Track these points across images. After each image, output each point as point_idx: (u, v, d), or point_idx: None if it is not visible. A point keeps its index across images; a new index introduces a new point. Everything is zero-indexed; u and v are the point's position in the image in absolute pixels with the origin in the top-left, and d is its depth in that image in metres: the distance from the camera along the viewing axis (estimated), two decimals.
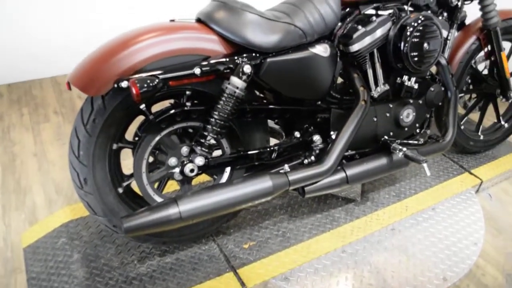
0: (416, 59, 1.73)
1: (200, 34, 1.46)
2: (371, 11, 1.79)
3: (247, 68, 1.44)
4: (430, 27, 1.73)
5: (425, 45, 1.73)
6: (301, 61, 1.56)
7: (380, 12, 1.80)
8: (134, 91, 1.29)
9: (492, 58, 2.22)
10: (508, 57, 2.33)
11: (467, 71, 2.20)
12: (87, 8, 3.30)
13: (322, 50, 1.61)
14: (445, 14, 1.96)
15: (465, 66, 2.15)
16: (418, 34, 1.70)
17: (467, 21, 2.19)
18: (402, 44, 1.69)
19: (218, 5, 1.49)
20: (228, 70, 1.45)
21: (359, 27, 1.69)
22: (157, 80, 1.33)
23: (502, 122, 2.53)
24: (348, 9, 1.74)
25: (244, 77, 1.45)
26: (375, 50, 1.77)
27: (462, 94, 2.31)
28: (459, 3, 1.93)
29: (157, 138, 1.51)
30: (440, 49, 1.80)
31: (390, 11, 1.79)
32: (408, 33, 1.68)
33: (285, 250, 1.80)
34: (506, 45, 2.29)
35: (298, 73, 1.58)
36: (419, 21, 1.70)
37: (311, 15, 1.58)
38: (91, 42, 1.47)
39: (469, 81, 2.32)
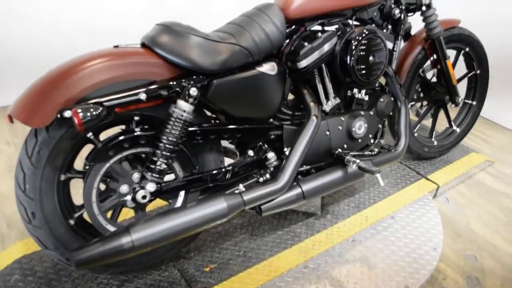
0: (363, 72, 1.76)
1: (144, 59, 1.45)
2: (317, 27, 1.82)
3: (194, 91, 1.43)
4: (375, 40, 1.77)
5: (371, 58, 1.77)
6: (249, 80, 1.57)
7: (326, 28, 1.83)
8: (76, 121, 1.26)
9: (439, 66, 2.29)
10: (453, 65, 2.41)
11: (416, 80, 2.27)
12: (37, 37, 3.22)
13: (269, 68, 1.62)
14: (389, 26, 2.01)
15: (413, 75, 2.22)
16: (363, 47, 1.74)
17: (413, 31, 2.26)
18: (348, 58, 1.72)
19: (162, 29, 1.49)
20: (174, 94, 1.44)
21: (306, 43, 1.71)
22: (100, 109, 1.31)
23: (454, 127, 2.61)
24: (294, 26, 1.76)
25: (191, 100, 1.44)
26: (323, 65, 1.80)
27: (413, 102, 2.37)
28: (402, 16, 1.99)
29: (106, 166, 1.48)
30: (386, 61, 1.84)
31: (336, 26, 1.82)
32: (353, 47, 1.71)
33: (247, 270, 1.78)
34: (451, 52, 2.37)
35: (246, 93, 1.58)
36: (364, 35, 1.73)
37: (256, 35, 1.59)
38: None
39: (419, 89, 2.39)
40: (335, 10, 1.77)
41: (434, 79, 2.39)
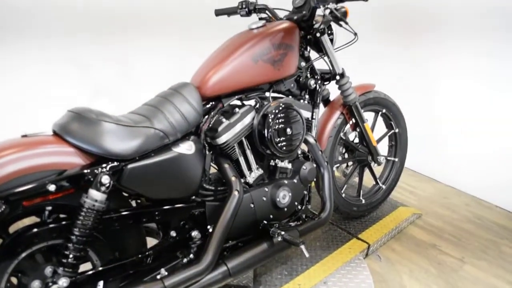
0: (281, 144, 1.80)
1: (54, 148, 1.41)
2: (236, 102, 1.86)
3: (105, 179, 1.40)
4: (291, 113, 1.83)
5: (288, 130, 1.82)
6: (165, 163, 1.56)
7: (244, 102, 1.88)
8: None
9: (358, 130, 2.39)
10: (373, 125, 2.53)
11: (338, 143, 2.35)
12: None
13: (186, 148, 1.62)
14: (306, 96, 2.09)
15: (335, 139, 2.30)
16: (279, 121, 1.79)
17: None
18: (266, 132, 1.76)
19: (72, 116, 1.46)
20: (86, 182, 1.40)
21: (223, 119, 1.74)
22: (4, 207, 1.25)
23: (380, 184, 2.70)
24: (211, 103, 1.79)
25: (103, 188, 1.40)
26: (243, 138, 1.83)
27: (338, 164, 2.44)
28: (318, 86, 2.08)
29: (14, 263, 1.39)
30: (303, 132, 1.90)
31: (253, 100, 1.88)
32: (270, 121, 1.76)
33: None
34: (370, 114, 2.50)
35: (163, 175, 1.56)
36: (279, 109, 1.79)
37: (171, 116, 1.60)
38: None
39: (343, 151, 2.48)
40: (250, 86, 1.83)
41: (357, 140, 2.50)
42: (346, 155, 2.51)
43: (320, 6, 1.88)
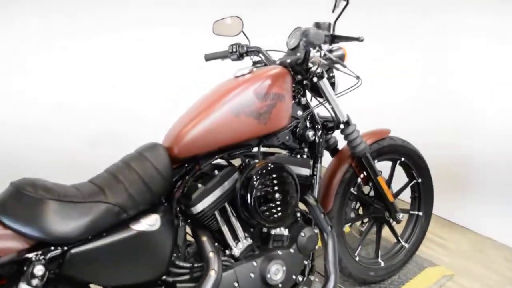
0: (267, 213, 1.52)
1: None
2: (220, 160, 1.61)
3: (38, 270, 1.16)
4: (280, 174, 1.55)
5: (276, 195, 1.54)
6: (120, 243, 1.30)
7: (230, 161, 1.62)
8: None
9: (371, 184, 2.08)
10: (390, 176, 2.20)
11: (348, 199, 2.04)
12: None
13: (148, 223, 1.37)
14: (306, 149, 1.81)
15: (342, 197, 1.99)
16: (265, 184, 1.51)
17: None
18: (249, 197, 1.49)
19: (11, 192, 1.24)
20: (19, 273, 1.17)
21: (199, 185, 1.49)
22: None
23: (402, 242, 2.34)
24: (186, 165, 1.54)
25: (35, 281, 1.16)
26: (226, 204, 1.56)
27: (349, 223, 2.12)
28: (317, 138, 1.80)
29: None
30: (296, 195, 1.61)
31: (238, 159, 1.62)
32: (254, 185, 1.49)
33: None
34: (386, 164, 2.18)
35: (119, 258, 1.31)
36: (267, 170, 1.52)
37: (131, 186, 1.35)
38: None
39: (357, 206, 2.16)
40: (232, 143, 1.57)
41: (372, 193, 2.17)
42: (360, 211, 2.19)
43: (311, 49, 1.62)
